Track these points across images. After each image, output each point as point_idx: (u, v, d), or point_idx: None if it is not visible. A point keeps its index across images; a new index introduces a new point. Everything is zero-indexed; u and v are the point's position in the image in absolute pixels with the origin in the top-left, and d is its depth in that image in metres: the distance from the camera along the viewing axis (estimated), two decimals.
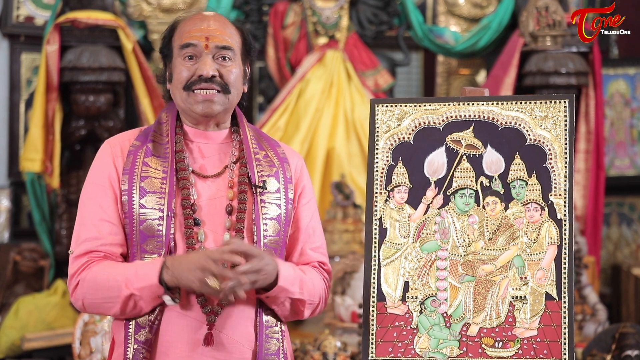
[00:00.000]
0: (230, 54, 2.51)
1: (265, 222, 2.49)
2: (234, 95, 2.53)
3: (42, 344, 5.61)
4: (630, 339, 4.86)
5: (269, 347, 2.47)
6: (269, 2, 7.03)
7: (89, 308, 2.46)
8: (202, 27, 2.51)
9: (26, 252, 6.24)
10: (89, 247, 2.45)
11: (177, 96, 2.53)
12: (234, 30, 2.56)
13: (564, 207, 2.44)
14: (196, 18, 2.55)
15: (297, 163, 2.63)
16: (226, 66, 2.50)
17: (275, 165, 2.57)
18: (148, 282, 2.37)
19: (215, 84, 2.49)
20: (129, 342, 2.42)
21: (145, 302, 2.39)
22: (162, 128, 2.56)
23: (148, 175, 2.47)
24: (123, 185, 2.46)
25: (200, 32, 2.50)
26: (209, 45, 2.49)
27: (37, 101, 6.16)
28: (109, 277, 2.40)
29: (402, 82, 7.43)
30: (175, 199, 2.46)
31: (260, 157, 2.56)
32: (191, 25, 2.53)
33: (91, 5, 6.26)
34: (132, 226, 2.45)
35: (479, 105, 2.52)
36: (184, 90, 2.50)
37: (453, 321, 2.44)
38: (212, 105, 2.50)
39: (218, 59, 2.50)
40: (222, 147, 2.57)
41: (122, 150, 2.52)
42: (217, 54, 2.50)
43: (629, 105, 7.38)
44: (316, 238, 2.61)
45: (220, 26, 2.53)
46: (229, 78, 2.50)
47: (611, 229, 7.39)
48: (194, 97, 2.49)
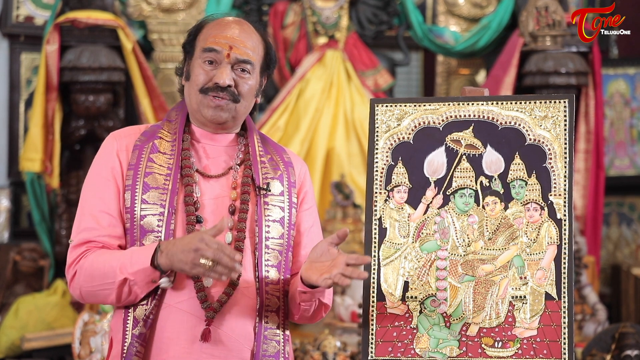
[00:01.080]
0: (249, 67, 2.53)
1: (268, 224, 2.50)
2: (242, 106, 2.55)
3: (42, 344, 5.60)
4: (630, 339, 4.86)
5: (268, 348, 2.47)
6: (268, 2, 7.03)
7: (87, 297, 2.47)
8: (228, 35, 2.52)
9: (26, 252, 6.24)
10: (88, 237, 2.46)
11: (192, 96, 2.55)
12: (259, 42, 2.57)
13: (564, 207, 2.44)
14: (224, 23, 2.56)
15: (302, 169, 2.65)
16: (243, 78, 2.52)
17: (280, 169, 2.58)
18: (142, 266, 2.38)
19: (228, 93, 2.51)
20: (127, 338, 2.43)
21: (139, 287, 2.40)
22: (170, 126, 2.58)
23: (152, 171, 2.49)
24: (127, 180, 2.48)
25: (225, 40, 2.51)
26: (231, 55, 2.51)
27: (36, 101, 6.16)
28: (105, 264, 2.41)
29: (402, 82, 7.43)
30: (177, 195, 2.47)
31: (265, 160, 2.58)
32: (218, 30, 2.54)
33: (91, 5, 6.26)
34: (133, 221, 2.46)
35: (479, 105, 2.52)
36: (200, 93, 2.52)
37: (453, 321, 2.44)
38: (220, 113, 2.52)
39: (237, 70, 2.52)
40: (227, 150, 2.59)
41: (127, 145, 2.53)
42: (236, 65, 2.52)
43: (629, 105, 7.38)
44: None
45: (245, 37, 2.54)
46: (243, 89, 2.52)
47: (611, 228, 7.39)
48: (207, 101, 2.51)
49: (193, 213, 2.46)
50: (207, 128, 2.58)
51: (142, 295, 2.42)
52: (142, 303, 2.44)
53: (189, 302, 2.43)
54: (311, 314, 2.54)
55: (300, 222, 2.60)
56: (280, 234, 2.51)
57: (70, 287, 2.49)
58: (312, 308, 2.52)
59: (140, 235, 2.45)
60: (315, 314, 2.55)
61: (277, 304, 2.51)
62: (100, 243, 2.46)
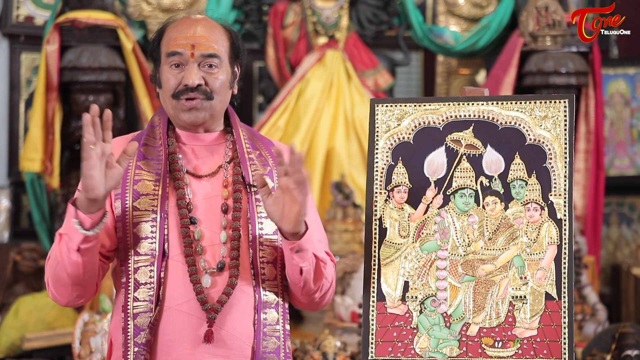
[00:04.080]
0: (217, 61, 2.51)
1: (261, 220, 2.50)
2: (217, 102, 2.53)
3: (42, 343, 5.60)
4: (630, 339, 4.86)
5: (268, 345, 2.47)
6: (268, 2, 7.03)
7: (54, 286, 2.46)
8: (189, 34, 2.51)
9: (26, 252, 6.24)
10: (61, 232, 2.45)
11: (167, 102, 2.55)
12: (222, 34, 2.55)
13: (564, 207, 2.44)
14: (183, 24, 2.54)
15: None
16: (212, 74, 2.51)
17: (269, 164, 2.57)
18: (69, 216, 2.36)
19: (200, 93, 2.50)
20: (129, 346, 2.42)
21: (71, 239, 2.35)
22: (154, 131, 2.57)
23: (141, 178, 2.49)
24: (117, 189, 2.47)
25: (187, 40, 2.50)
26: (195, 53, 2.49)
27: (37, 101, 6.16)
28: (55, 246, 2.41)
29: (402, 82, 7.43)
30: (168, 200, 2.47)
31: (253, 157, 2.57)
32: (178, 32, 2.52)
33: (91, 5, 6.26)
34: (126, 229, 2.45)
35: (479, 105, 2.52)
36: (172, 99, 2.52)
37: (453, 321, 2.44)
38: (196, 114, 2.51)
39: (204, 66, 2.51)
40: (215, 148, 2.58)
41: (114, 155, 2.52)
42: (203, 62, 2.50)
43: (629, 105, 7.38)
44: (314, 231, 2.61)
45: (207, 32, 2.52)
46: (214, 85, 2.51)
47: (611, 228, 7.39)
48: (181, 105, 2.51)
49: (186, 216, 2.46)
50: (190, 130, 2.58)
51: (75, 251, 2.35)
52: (142, 310, 2.44)
53: (189, 304, 2.42)
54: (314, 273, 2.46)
55: None
56: (274, 230, 2.50)
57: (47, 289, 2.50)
58: (312, 264, 2.45)
59: (133, 242, 2.45)
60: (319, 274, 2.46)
61: (276, 299, 2.50)
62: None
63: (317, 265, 2.47)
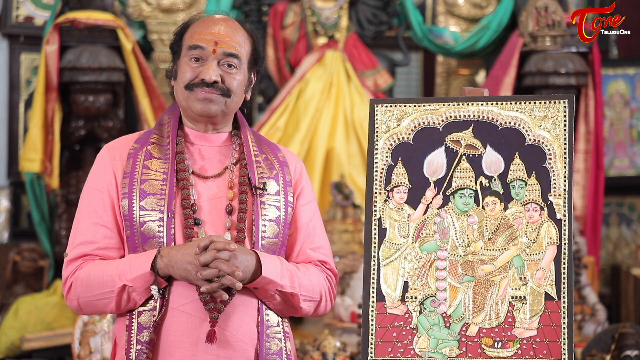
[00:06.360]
0: (236, 61, 2.52)
1: (264, 223, 2.50)
2: (233, 101, 2.54)
3: (42, 344, 5.60)
4: (630, 339, 4.86)
5: (270, 347, 2.48)
6: (268, 2, 7.03)
7: (85, 308, 2.47)
8: (213, 31, 2.52)
9: (26, 252, 6.24)
10: (83, 251, 2.46)
11: (179, 93, 2.55)
12: (245, 37, 2.57)
13: (564, 207, 2.44)
14: (209, 21, 2.56)
15: (297, 166, 2.64)
16: (230, 73, 2.52)
17: (276, 168, 2.58)
18: (141, 272, 2.38)
19: (216, 89, 2.50)
20: (132, 344, 2.42)
21: (138, 294, 2.41)
22: (163, 130, 2.57)
23: (148, 178, 2.49)
24: (124, 188, 2.47)
25: (210, 36, 2.51)
26: (217, 50, 2.50)
27: (36, 101, 6.16)
28: (103, 273, 2.41)
29: (402, 82, 7.43)
30: (175, 199, 2.47)
31: (260, 160, 2.57)
32: (202, 27, 2.54)
33: (91, 5, 6.26)
34: (133, 229, 2.45)
35: (479, 105, 2.52)
36: (185, 89, 2.51)
37: (452, 321, 2.44)
38: (210, 105, 2.51)
39: (223, 65, 2.51)
40: (222, 150, 2.58)
41: (121, 154, 2.53)
42: (223, 60, 2.51)
43: (629, 105, 7.38)
44: (317, 238, 2.61)
45: (231, 32, 2.54)
46: (232, 84, 2.52)
47: (611, 229, 7.39)
48: (195, 94, 2.51)
49: (191, 216, 2.46)
50: (199, 126, 2.57)
51: (140, 302, 2.42)
52: (146, 309, 2.44)
53: (192, 304, 2.42)
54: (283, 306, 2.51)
55: (297, 218, 2.59)
56: (276, 234, 2.51)
57: (67, 300, 2.49)
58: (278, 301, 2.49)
59: (142, 241, 2.45)
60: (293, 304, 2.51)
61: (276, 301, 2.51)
62: (97, 256, 2.46)
63: (286, 300, 2.51)
